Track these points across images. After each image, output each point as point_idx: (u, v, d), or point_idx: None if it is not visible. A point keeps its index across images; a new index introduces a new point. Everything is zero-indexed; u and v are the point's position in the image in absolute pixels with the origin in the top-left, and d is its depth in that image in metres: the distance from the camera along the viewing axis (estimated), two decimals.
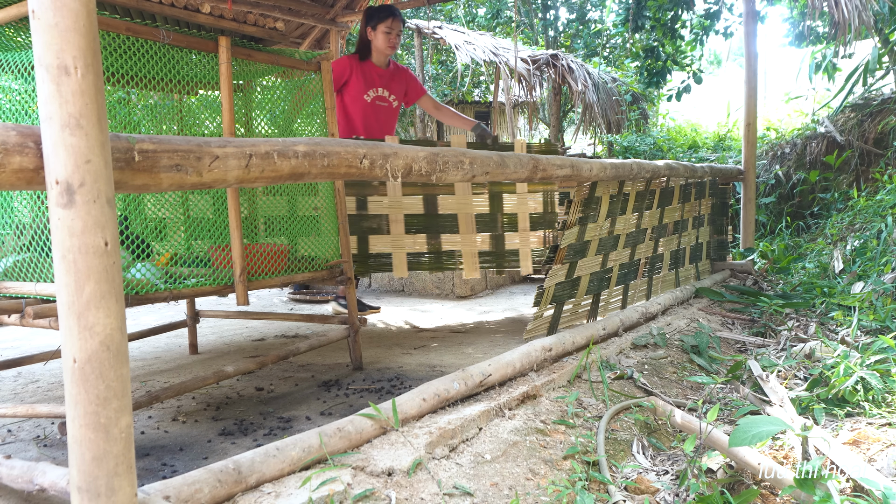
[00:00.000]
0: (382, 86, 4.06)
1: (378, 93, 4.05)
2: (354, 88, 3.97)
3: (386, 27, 3.97)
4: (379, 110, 4.08)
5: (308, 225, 2.79)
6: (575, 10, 10.93)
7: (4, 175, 1.04)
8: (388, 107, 4.12)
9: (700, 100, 11.81)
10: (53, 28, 1.02)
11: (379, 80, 4.06)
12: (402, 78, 4.20)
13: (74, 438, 1.08)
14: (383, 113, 4.11)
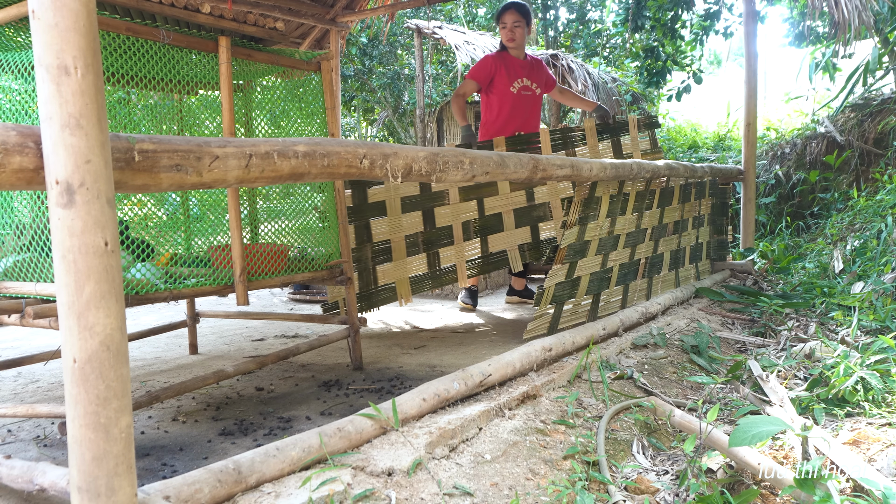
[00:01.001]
0: (525, 75, 4.19)
1: (523, 83, 4.18)
2: (501, 83, 4.11)
3: (501, 23, 4.19)
4: (524, 100, 4.20)
5: (313, 226, 2.79)
6: (575, 10, 10.93)
7: (4, 175, 1.04)
8: (532, 95, 4.24)
9: (700, 100, 11.81)
10: (53, 28, 1.02)
11: (521, 70, 4.19)
12: (540, 67, 4.35)
13: (74, 438, 1.08)
14: (529, 102, 4.23)
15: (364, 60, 11.55)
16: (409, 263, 3.65)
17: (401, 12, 10.01)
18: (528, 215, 3.90)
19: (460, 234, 3.69)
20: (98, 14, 2.11)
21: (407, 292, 3.63)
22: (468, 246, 3.75)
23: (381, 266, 3.57)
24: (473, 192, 3.73)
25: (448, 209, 3.69)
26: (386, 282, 3.62)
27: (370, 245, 3.55)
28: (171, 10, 2.29)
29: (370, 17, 7.37)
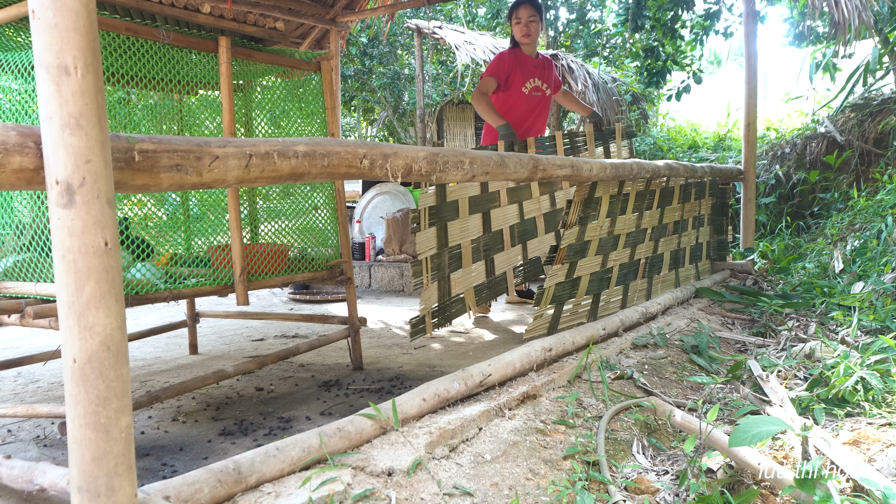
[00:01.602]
0: (538, 75, 4.06)
1: (534, 83, 4.05)
2: (514, 82, 3.96)
3: (516, 18, 4.02)
4: (534, 101, 4.07)
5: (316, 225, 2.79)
6: (575, 10, 10.92)
7: (4, 175, 1.04)
8: (542, 96, 4.12)
9: (700, 100, 11.81)
10: (53, 28, 1.02)
11: (534, 70, 4.06)
12: (551, 67, 4.20)
13: (74, 438, 1.08)
14: (539, 103, 4.10)
15: (364, 60, 11.55)
16: (474, 271, 3.38)
17: (401, 12, 10.01)
18: (553, 220, 3.94)
19: (509, 239, 3.56)
20: (98, 14, 2.11)
21: (473, 303, 3.35)
22: (514, 252, 3.63)
23: (454, 274, 3.22)
24: (515, 195, 3.61)
25: (500, 212, 3.50)
26: (457, 291, 3.25)
27: (447, 250, 3.14)
28: (171, 10, 2.29)
29: (370, 17, 7.38)
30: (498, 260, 3.49)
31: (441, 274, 3.08)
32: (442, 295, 3.10)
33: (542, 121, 4.23)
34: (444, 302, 3.13)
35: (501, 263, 3.57)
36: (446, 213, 3.10)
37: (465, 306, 3.29)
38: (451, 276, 3.13)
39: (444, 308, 3.14)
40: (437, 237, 3.02)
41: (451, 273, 3.13)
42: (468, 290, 3.30)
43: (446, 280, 3.12)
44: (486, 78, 3.93)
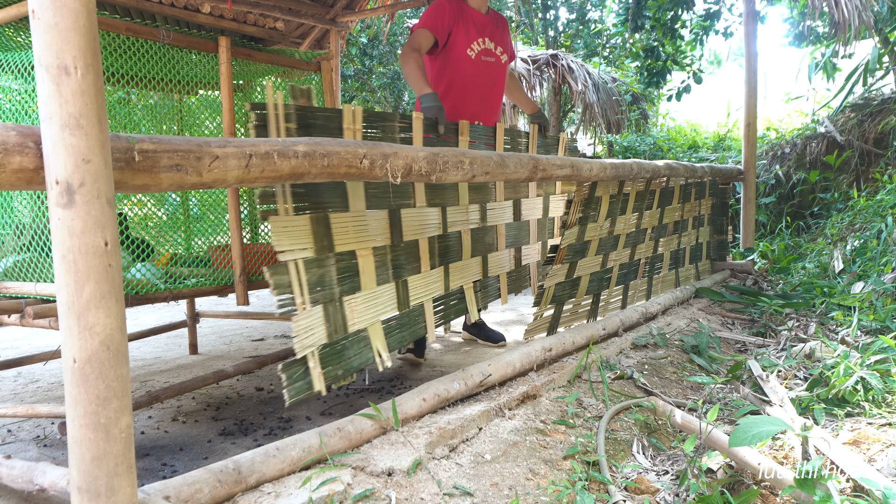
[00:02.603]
0: (488, 35, 3.07)
1: (483, 45, 3.04)
2: (457, 42, 2.96)
3: None
4: (484, 69, 3.06)
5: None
6: (575, 10, 10.93)
7: (4, 175, 1.04)
8: (496, 62, 3.11)
9: (700, 100, 11.82)
10: (53, 28, 1.02)
11: (483, 27, 3.06)
12: (505, 27, 3.20)
13: (74, 438, 1.08)
14: (490, 73, 3.09)
15: (364, 60, 11.55)
16: (381, 296, 2.31)
17: (401, 12, 10.01)
18: (519, 230, 3.19)
19: (427, 255, 2.50)
20: (98, 14, 2.11)
21: (384, 345, 2.26)
22: (434, 275, 2.59)
23: (349, 298, 2.10)
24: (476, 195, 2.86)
25: (415, 213, 2.45)
26: (358, 325, 2.16)
27: (333, 256, 2.06)
28: (171, 10, 2.29)
29: (370, 17, 7.38)
30: (413, 285, 2.39)
31: (328, 294, 1.99)
32: (333, 328, 2.00)
33: (495, 99, 3.15)
34: (337, 340, 2.01)
35: (458, 279, 2.68)
36: (326, 197, 2.02)
37: (371, 351, 2.14)
38: (345, 301, 2.05)
39: (338, 350, 2.02)
40: (314, 233, 1.96)
41: (343, 295, 2.05)
42: (375, 328, 2.19)
43: (338, 305, 2.02)
44: (420, 30, 2.88)
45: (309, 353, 1.90)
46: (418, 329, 2.41)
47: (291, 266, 1.88)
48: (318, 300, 1.95)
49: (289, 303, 1.87)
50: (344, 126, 2.05)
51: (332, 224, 2.01)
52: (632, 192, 3.29)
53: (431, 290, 2.50)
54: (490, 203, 2.91)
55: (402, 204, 2.34)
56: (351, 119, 2.09)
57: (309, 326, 1.92)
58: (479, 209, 2.82)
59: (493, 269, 2.93)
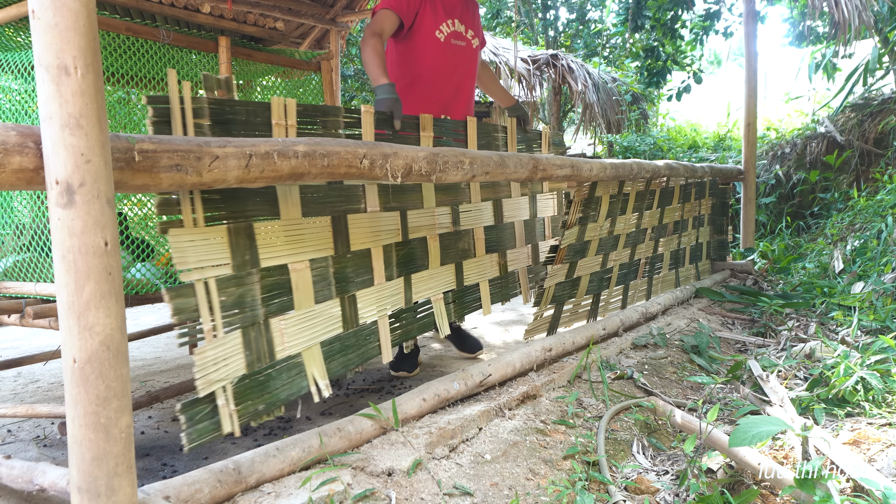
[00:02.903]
0: (457, 17, 2.78)
1: (453, 27, 2.75)
2: (424, 24, 2.68)
3: None
4: (454, 54, 2.77)
5: None
6: (575, 10, 10.93)
7: (4, 175, 1.04)
8: (468, 47, 2.83)
9: (700, 100, 11.82)
10: (53, 28, 1.02)
11: (452, 9, 2.78)
12: (474, 9, 2.93)
13: (74, 438, 1.08)
14: (463, 57, 2.80)
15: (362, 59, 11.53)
16: (319, 315, 2.02)
17: None
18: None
19: (382, 267, 2.20)
20: (98, 14, 2.11)
21: (323, 372, 1.95)
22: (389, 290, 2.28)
23: (277, 319, 1.82)
24: (450, 195, 2.57)
25: (367, 219, 2.17)
26: (289, 350, 1.88)
27: (258, 272, 1.76)
28: (171, 10, 2.29)
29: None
30: (363, 300, 2.11)
31: (249, 316, 1.71)
32: (255, 356, 1.72)
33: (468, 88, 2.86)
34: (260, 370, 1.74)
35: (423, 290, 2.37)
36: (250, 204, 1.74)
37: (305, 379, 1.87)
38: (273, 323, 1.78)
39: (261, 381, 1.74)
40: (233, 246, 1.68)
41: (271, 317, 1.77)
42: (311, 351, 1.90)
43: (262, 328, 1.74)
44: (383, 12, 2.59)
45: (218, 389, 1.61)
46: (369, 349, 2.11)
47: (199, 287, 1.57)
48: (236, 324, 1.67)
49: (194, 331, 1.58)
50: (273, 122, 1.79)
51: (257, 235, 1.73)
52: (632, 192, 3.29)
53: (387, 304, 2.20)
54: (464, 205, 2.62)
55: (349, 209, 2.05)
56: (281, 113, 1.81)
57: (220, 357, 1.63)
58: (449, 212, 2.53)
59: (470, 276, 2.64)
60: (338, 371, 1.97)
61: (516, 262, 2.96)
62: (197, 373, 1.58)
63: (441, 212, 2.49)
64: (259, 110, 1.76)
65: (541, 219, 3.20)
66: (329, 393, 1.90)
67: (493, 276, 2.78)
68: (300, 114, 1.87)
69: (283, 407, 1.78)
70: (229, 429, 1.62)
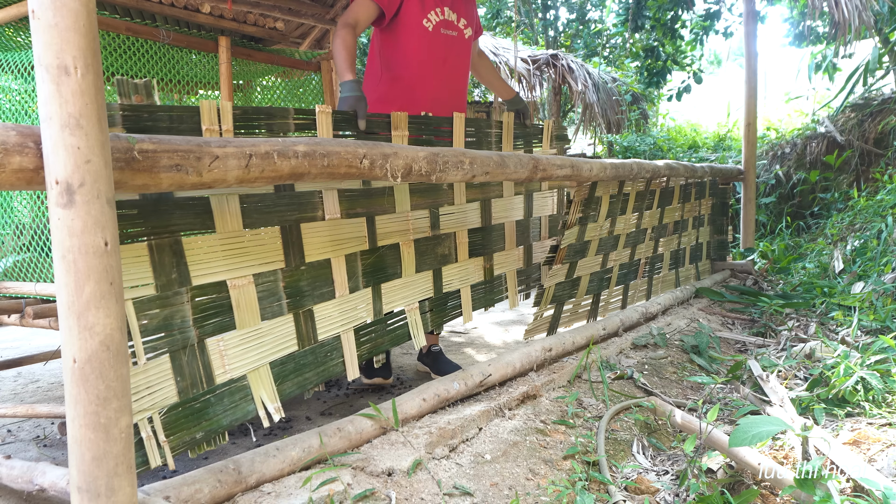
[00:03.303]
0: (448, 5, 2.62)
1: (443, 16, 2.58)
2: (410, 13, 2.51)
3: None
4: (446, 44, 2.60)
5: None
6: (575, 10, 10.93)
7: (4, 175, 1.04)
8: (459, 37, 2.64)
9: (700, 100, 11.82)
10: (53, 28, 1.02)
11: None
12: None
13: (74, 438, 1.08)
14: (453, 48, 2.63)
15: (364, 60, 11.55)
16: (269, 335, 1.90)
17: None
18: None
19: (344, 279, 2.08)
20: (98, 14, 2.12)
21: (274, 396, 1.84)
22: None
23: (214, 339, 1.71)
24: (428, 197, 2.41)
25: (324, 227, 2.03)
26: (232, 373, 1.77)
27: (188, 290, 1.65)
28: (171, 10, 2.29)
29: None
30: (322, 314, 1.98)
31: (178, 339, 1.60)
32: (188, 381, 1.62)
33: (460, 82, 2.69)
34: (196, 397, 1.64)
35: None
36: (177, 217, 1.61)
37: (251, 403, 1.76)
38: (210, 344, 1.67)
39: (198, 409, 1.64)
40: (156, 265, 1.56)
41: (207, 337, 1.66)
42: (259, 373, 1.79)
43: (195, 351, 1.64)
44: (360, 0, 2.42)
45: (142, 421, 1.49)
46: (331, 367, 1.98)
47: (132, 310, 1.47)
48: (162, 348, 1.55)
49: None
50: (203, 127, 1.63)
51: (186, 251, 1.60)
52: (632, 192, 3.29)
53: (352, 317, 2.07)
54: (445, 207, 2.46)
55: (302, 218, 1.91)
56: (214, 118, 1.64)
57: (143, 386, 1.51)
58: (427, 215, 2.38)
59: (451, 283, 2.50)
60: (292, 392, 1.86)
61: (504, 265, 2.82)
62: None
63: (417, 216, 2.34)
64: (186, 116, 1.60)
65: (536, 218, 3.06)
66: (279, 417, 1.80)
67: (477, 281, 2.65)
68: (239, 118, 1.71)
69: (227, 434, 1.69)
70: (159, 461, 1.52)
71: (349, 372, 2.04)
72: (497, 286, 2.78)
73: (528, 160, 2.28)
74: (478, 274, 2.64)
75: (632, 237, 3.46)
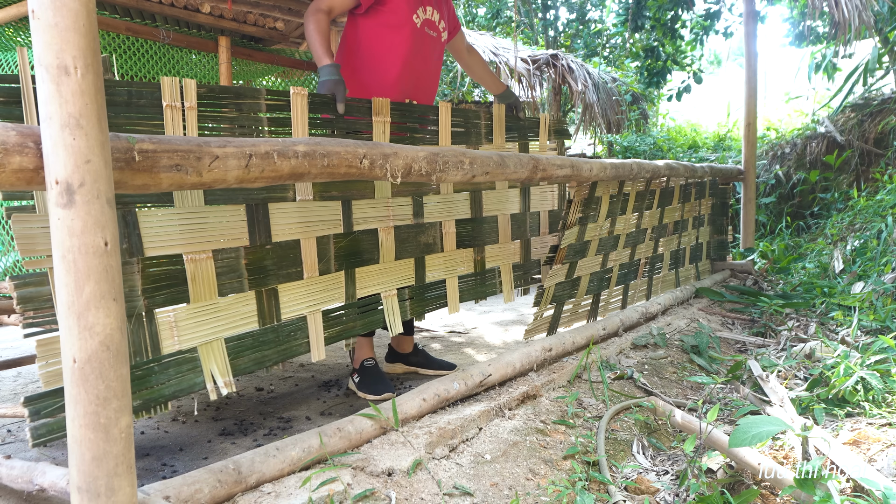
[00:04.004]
0: (432, 5, 2.60)
1: (428, 15, 2.57)
2: (397, 7, 2.46)
3: None
4: (427, 43, 2.58)
5: None
6: (575, 10, 10.94)
7: (4, 175, 1.04)
8: (438, 38, 2.66)
9: (700, 100, 11.82)
10: (53, 28, 1.02)
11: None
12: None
13: (74, 438, 1.08)
14: (434, 49, 2.64)
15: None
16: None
17: None
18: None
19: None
20: (98, 14, 2.12)
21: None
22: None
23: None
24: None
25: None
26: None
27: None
28: (171, 10, 2.29)
29: None
30: (289, 294, 2.00)
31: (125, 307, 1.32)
32: (131, 349, 1.65)
33: (430, 82, 2.67)
34: (137, 364, 1.66)
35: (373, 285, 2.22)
36: None
37: (200, 375, 1.77)
38: (159, 315, 1.69)
39: (138, 376, 1.67)
40: None
41: (155, 308, 1.68)
42: (211, 346, 1.81)
43: (143, 321, 1.66)
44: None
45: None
46: (294, 347, 1.98)
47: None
48: None
49: (46, 320, 1.43)
50: (165, 103, 1.60)
51: (141, 222, 1.62)
52: (632, 192, 3.29)
53: (320, 299, 2.07)
54: (429, 196, 2.41)
55: (271, 197, 1.91)
56: (176, 95, 1.59)
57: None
58: (409, 202, 2.35)
59: (435, 272, 2.47)
60: (248, 368, 1.86)
61: (498, 258, 2.77)
62: (40, 362, 1.46)
63: (399, 202, 2.31)
64: (146, 91, 1.59)
65: (535, 213, 3.01)
66: (229, 391, 1.79)
67: (466, 273, 2.61)
68: (204, 96, 1.69)
69: (170, 404, 1.65)
70: None
71: (314, 353, 2.02)
72: (489, 279, 2.74)
73: (528, 160, 2.28)
74: (467, 265, 2.61)
75: (632, 237, 3.46)
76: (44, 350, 1.48)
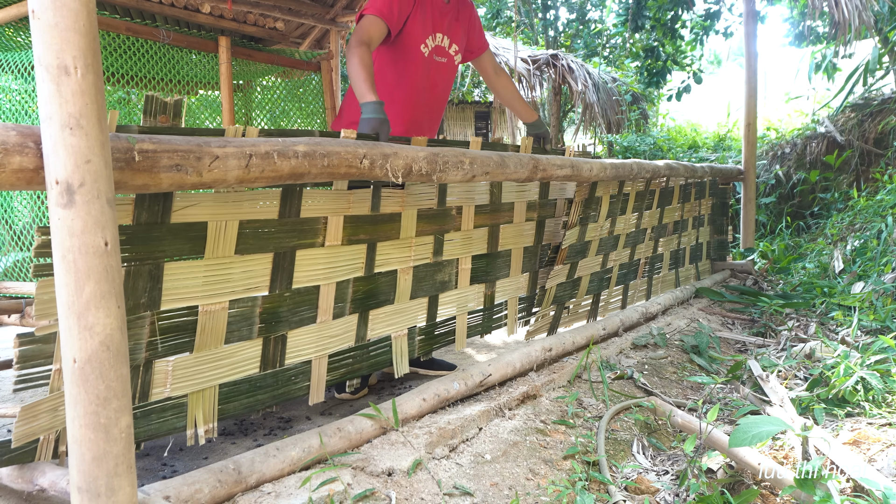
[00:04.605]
0: (444, 31, 2.55)
1: (438, 41, 2.54)
2: (411, 34, 2.45)
3: None
4: (436, 72, 2.55)
5: None
6: (575, 10, 10.94)
7: (4, 175, 1.04)
8: (448, 64, 2.60)
9: (700, 100, 11.82)
10: (53, 28, 1.02)
11: (442, 18, 2.54)
12: (466, 16, 2.68)
13: (74, 438, 1.08)
14: (442, 76, 2.59)
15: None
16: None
17: None
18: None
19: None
20: (98, 14, 2.12)
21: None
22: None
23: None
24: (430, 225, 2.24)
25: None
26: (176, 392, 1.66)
27: None
28: (171, 10, 2.29)
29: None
30: (297, 339, 1.88)
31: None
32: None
33: (438, 109, 2.65)
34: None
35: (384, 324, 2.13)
36: (166, 243, 1.51)
37: (183, 420, 1.63)
38: (157, 365, 1.56)
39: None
40: (127, 287, 1.47)
41: (155, 360, 1.55)
42: (202, 394, 1.67)
43: (140, 372, 1.53)
44: (370, 18, 2.33)
45: (44, 438, 1.37)
46: (291, 390, 1.87)
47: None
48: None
49: (39, 376, 1.33)
50: None
51: (165, 276, 1.50)
52: (632, 192, 3.29)
53: (329, 344, 1.95)
54: (451, 234, 2.31)
55: (300, 245, 1.80)
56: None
57: (53, 408, 1.36)
58: (431, 241, 2.24)
59: (447, 310, 2.36)
60: (238, 412, 1.74)
61: (507, 291, 2.65)
62: (19, 425, 1.31)
63: (421, 241, 2.20)
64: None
65: (546, 245, 2.87)
66: (211, 437, 1.68)
67: (475, 308, 2.50)
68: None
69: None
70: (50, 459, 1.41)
71: (312, 396, 1.93)
72: (496, 313, 2.64)
73: (528, 160, 2.28)
74: (477, 301, 2.51)
75: (632, 237, 3.46)
76: (26, 412, 1.33)
